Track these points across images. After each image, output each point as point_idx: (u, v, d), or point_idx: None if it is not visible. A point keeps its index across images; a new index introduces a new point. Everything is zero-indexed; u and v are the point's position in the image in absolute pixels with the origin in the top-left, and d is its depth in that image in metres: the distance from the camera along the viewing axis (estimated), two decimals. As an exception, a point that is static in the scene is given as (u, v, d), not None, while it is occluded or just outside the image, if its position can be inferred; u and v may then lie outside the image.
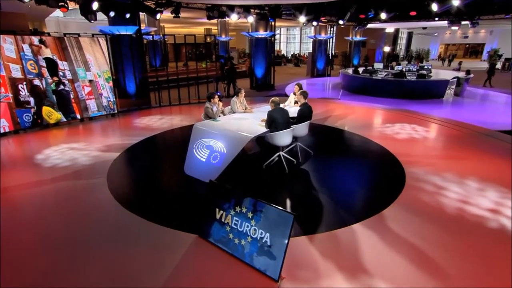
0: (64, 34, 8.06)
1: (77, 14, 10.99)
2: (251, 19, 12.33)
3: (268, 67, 14.08)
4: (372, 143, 6.69)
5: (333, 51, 21.02)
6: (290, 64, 29.20)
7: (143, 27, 12.02)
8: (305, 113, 5.51)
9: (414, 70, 13.93)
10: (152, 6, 9.98)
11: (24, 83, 7.32)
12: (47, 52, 7.63)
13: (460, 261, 3.11)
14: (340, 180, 5.05)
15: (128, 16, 8.92)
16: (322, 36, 18.52)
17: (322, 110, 9.69)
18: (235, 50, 25.46)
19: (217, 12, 11.43)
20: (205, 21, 17.82)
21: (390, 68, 14.99)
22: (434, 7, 10.20)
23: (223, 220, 3.22)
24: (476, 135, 7.26)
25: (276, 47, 29.94)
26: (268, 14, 12.40)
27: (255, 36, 13.53)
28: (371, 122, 8.63)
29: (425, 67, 14.85)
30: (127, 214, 3.99)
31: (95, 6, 7.82)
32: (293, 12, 12.74)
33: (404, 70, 13.56)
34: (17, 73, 7.19)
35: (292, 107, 6.58)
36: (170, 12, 10.57)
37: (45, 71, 7.62)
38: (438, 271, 2.96)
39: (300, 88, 6.64)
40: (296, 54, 31.89)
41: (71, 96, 8.16)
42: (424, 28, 25.06)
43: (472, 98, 12.32)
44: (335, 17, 15.13)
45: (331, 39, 19.23)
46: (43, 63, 7.57)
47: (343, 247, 3.32)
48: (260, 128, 5.09)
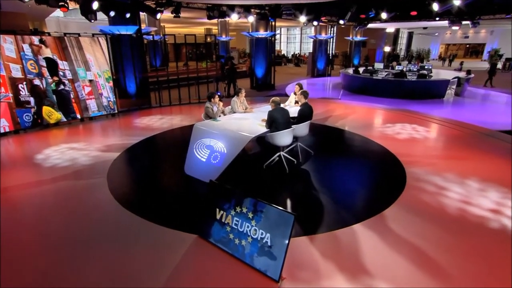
0: (64, 34, 8.06)
1: (77, 14, 10.98)
2: (251, 19, 12.32)
3: (268, 67, 14.07)
4: (372, 143, 6.68)
5: (333, 51, 21.00)
6: (291, 64, 29.20)
7: (143, 27, 12.01)
8: (305, 113, 5.50)
9: (414, 70, 13.90)
10: (152, 5, 9.97)
11: (24, 83, 7.32)
12: (47, 52, 7.63)
13: (461, 261, 3.10)
14: (340, 180, 5.04)
15: (128, 16, 8.92)
16: (323, 36, 18.51)
17: (322, 110, 9.68)
18: (235, 50, 25.46)
19: (217, 12, 11.42)
20: (205, 21, 17.85)
21: (390, 68, 14.95)
22: (435, 7, 10.18)
23: (223, 220, 3.21)
24: (477, 135, 7.24)
25: (277, 47, 29.93)
26: (269, 14, 12.40)
27: (255, 36, 13.52)
28: (372, 122, 8.62)
29: (425, 67, 14.83)
30: (127, 214, 3.98)
31: (95, 5, 7.82)
32: (293, 12, 12.74)
33: (404, 70, 13.53)
34: (17, 73, 7.19)
35: (292, 107, 6.57)
36: (170, 12, 10.56)
37: (45, 71, 7.61)
38: (439, 272, 2.95)
39: (300, 88, 6.63)
40: (296, 54, 31.87)
41: (71, 96, 8.16)
42: (424, 28, 25.06)
43: (473, 98, 12.30)
44: (335, 17, 15.14)
45: (331, 39, 19.22)
46: (43, 63, 7.57)
47: (343, 247, 3.31)
48: (261, 128, 5.08)
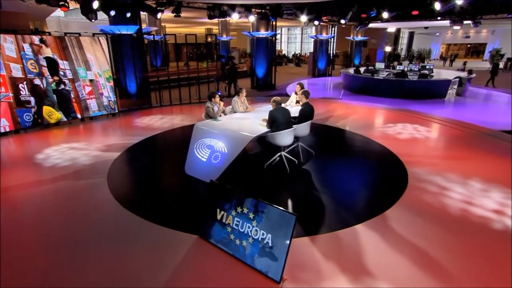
0: (65, 34, 8.05)
1: (78, 13, 10.97)
2: (252, 19, 12.30)
3: (269, 67, 14.05)
4: (374, 143, 6.66)
5: (334, 51, 20.96)
6: (291, 64, 29.18)
7: (144, 26, 12.01)
8: (306, 112, 5.48)
9: (415, 70, 13.87)
10: (153, 5, 9.96)
11: (25, 82, 7.31)
12: (48, 52, 7.62)
13: (463, 262, 3.08)
14: (342, 180, 5.02)
15: (129, 15, 8.90)
16: (323, 36, 18.48)
17: (323, 110, 9.65)
18: (236, 50, 25.45)
19: (218, 11, 11.40)
20: (206, 20, 17.82)
21: (391, 68, 14.93)
22: (437, 6, 10.13)
23: (224, 220, 3.19)
24: (479, 135, 7.22)
25: (277, 47, 29.87)
26: (269, 14, 12.39)
27: (256, 36, 13.50)
28: (373, 122, 8.59)
29: (427, 67, 14.79)
30: (127, 214, 3.97)
31: (96, 5, 7.80)
32: (294, 11, 12.72)
33: (405, 70, 13.50)
34: (17, 72, 7.18)
35: (293, 107, 6.56)
36: (171, 12, 10.56)
37: (45, 71, 7.60)
38: (442, 272, 2.93)
39: (301, 87, 6.60)
40: (297, 54, 31.85)
41: (72, 95, 8.15)
42: (425, 28, 24.98)
43: (474, 98, 12.27)
44: (336, 16, 15.10)
45: (332, 39, 19.19)
46: (44, 63, 7.56)
47: (345, 248, 3.29)
48: (261, 128, 5.06)
